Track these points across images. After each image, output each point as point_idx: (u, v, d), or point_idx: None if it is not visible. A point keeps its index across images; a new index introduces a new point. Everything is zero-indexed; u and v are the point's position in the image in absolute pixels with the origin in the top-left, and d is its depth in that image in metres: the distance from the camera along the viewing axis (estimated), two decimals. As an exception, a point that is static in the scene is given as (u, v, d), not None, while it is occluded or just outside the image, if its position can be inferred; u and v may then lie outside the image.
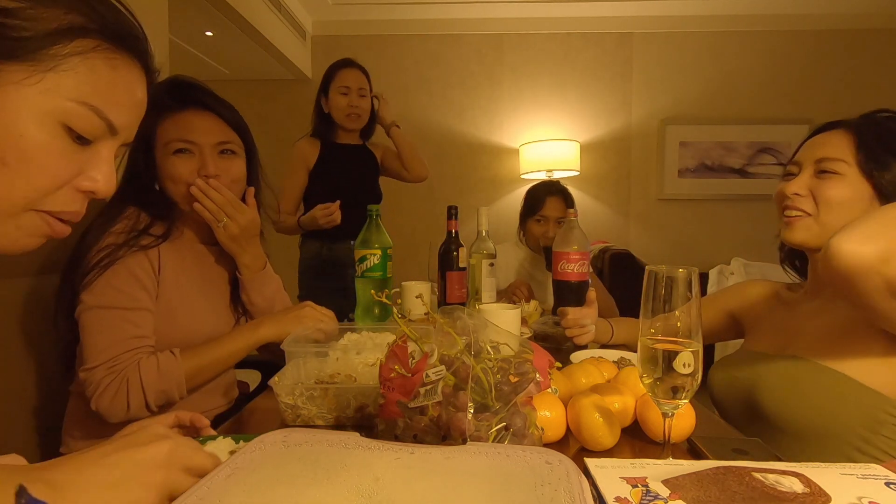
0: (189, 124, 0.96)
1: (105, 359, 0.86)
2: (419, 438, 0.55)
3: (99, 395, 0.85)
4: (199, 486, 0.44)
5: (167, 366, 0.89)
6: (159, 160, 0.97)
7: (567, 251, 1.32)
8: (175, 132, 0.95)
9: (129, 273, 0.90)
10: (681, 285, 0.57)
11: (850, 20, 3.35)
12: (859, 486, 0.48)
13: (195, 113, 0.97)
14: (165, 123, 0.96)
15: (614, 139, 3.49)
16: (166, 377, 0.88)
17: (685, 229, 3.50)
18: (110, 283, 0.88)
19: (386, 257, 1.25)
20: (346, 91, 2.02)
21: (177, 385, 0.89)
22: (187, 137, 0.95)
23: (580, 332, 1.17)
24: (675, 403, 0.58)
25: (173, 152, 0.95)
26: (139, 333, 0.89)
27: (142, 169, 0.96)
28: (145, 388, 0.86)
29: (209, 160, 0.96)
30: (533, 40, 3.47)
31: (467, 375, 0.56)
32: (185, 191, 0.95)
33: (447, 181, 3.51)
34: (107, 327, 0.87)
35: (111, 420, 0.86)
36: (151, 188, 0.98)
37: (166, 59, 2.01)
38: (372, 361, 0.79)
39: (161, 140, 0.96)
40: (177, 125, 0.96)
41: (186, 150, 0.96)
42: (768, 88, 3.37)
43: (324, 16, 3.45)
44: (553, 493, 0.43)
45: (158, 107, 0.95)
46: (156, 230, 0.96)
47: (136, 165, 0.97)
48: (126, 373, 0.85)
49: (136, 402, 0.86)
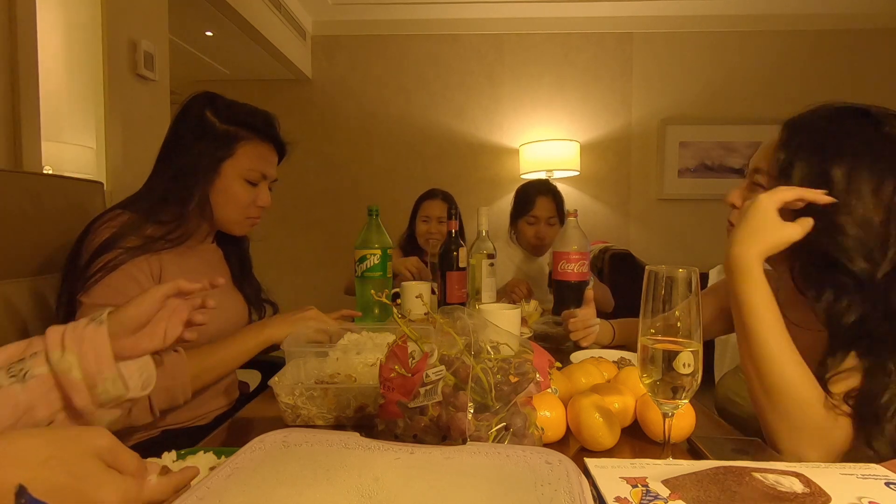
0: (269, 160, 1.06)
1: None
2: (419, 438, 0.55)
3: None
4: (199, 486, 0.44)
5: (172, 363, 0.86)
6: (226, 177, 1.00)
7: (567, 251, 1.32)
8: (258, 163, 1.03)
9: (127, 275, 0.90)
10: (681, 285, 0.57)
11: (851, 20, 3.35)
12: (859, 486, 0.48)
13: (270, 149, 1.07)
14: (248, 147, 1.02)
15: (614, 139, 3.49)
16: (170, 375, 0.85)
17: (685, 229, 3.50)
18: (108, 284, 0.88)
19: (386, 257, 1.25)
20: (427, 219, 2.20)
21: (181, 385, 0.87)
22: (266, 171, 1.05)
23: (585, 333, 1.15)
24: (675, 403, 0.58)
25: (248, 179, 1.03)
26: None
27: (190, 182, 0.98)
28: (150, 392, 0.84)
29: (267, 193, 1.07)
30: (533, 40, 3.47)
31: (467, 375, 0.56)
32: (241, 215, 1.05)
33: (447, 181, 3.51)
34: None
35: (112, 427, 0.84)
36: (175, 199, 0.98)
37: (166, 59, 2.01)
38: (372, 361, 0.80)
39: (240, 163, 1.01)
40: (260, 157, 1.04)
41: (259, 182, 1.05)
42: (768, 88, 3.37)
43: (324, 16, 3.45)
44: (553, 493, 0.43)
45: (250, 127, 1.02)
46: (168, 236, 0.96)
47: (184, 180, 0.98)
48: None
49: (138, 403, 0.82)
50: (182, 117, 1.01)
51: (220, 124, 1.00)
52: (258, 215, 1.09)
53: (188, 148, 0.98)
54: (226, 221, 1.05)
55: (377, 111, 3.54)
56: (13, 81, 1.34)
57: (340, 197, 3.51)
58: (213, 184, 1.00)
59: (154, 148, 1.05)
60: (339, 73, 3.54)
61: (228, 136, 1.00)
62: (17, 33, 1.34)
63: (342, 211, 3.52)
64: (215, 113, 1.00)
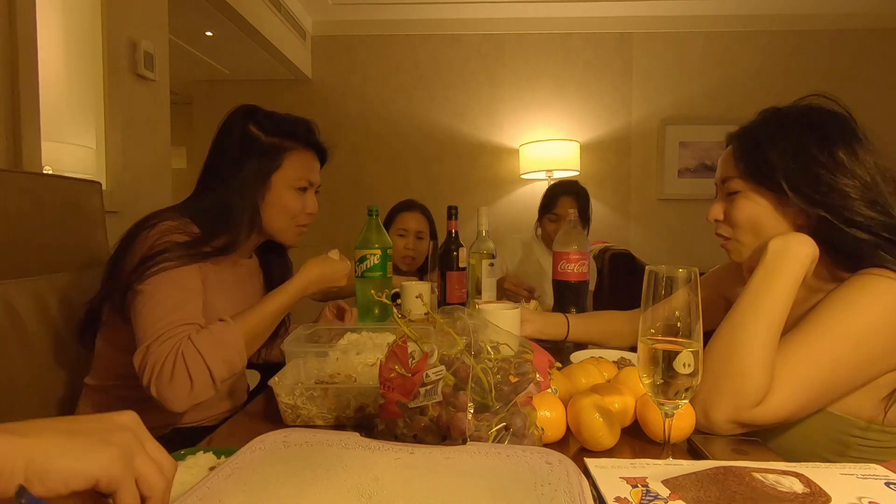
0: (313, 166, 1.08)
1: (154, 336, 0.82)
2: (419, 438, 0.55)
3: (157, 378, 0.79)
4: (200, 486, 0.44)
5: (222, 333, 0.85)
6: (276, 188, 1.02)
7: (567, 251, 1.32)
8: (305, 171, 1.05)
9: (186, 272, 0.90)
10: (681, 285, 0.57)
11: (851, 20, 3.35)
12: (859, 486, 0.48)
13: (313, 156, 1.08)
14: (293, 156, 1.03)
15: (614, 139, 3.49)
16: (225, 344, 0.84)
17: (685, 229, 3.50)
18: (169, 277, 0.87)
19: (386, 257, 1.25)
20: (404, 233, 2.00)
21: (237, 351, 0.86)
22: (311, 178, 1.06)
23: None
24: (675, 403, 0.58)
25: (297, 188, 1.04)
26: (189, 319, 0.86)
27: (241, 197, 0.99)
28: (207, 360, 0.81)
29: (314, 200, 1.09)
30: (533, 40, 3.47)
31: (467, 375, 0.56)
32: (292, 223, 1.06)
33: (447, 181, 3.52)
34: (158, 308, 0.84)
35: (176, 407, 0.80)
36: (228, 213, 0.98)
37: (166, 59, 2.01)
38: (372, 361, 0.79)
39: (287, 173, 1.02)
40: (305, 164, 1.05)
41: (307, 189, 1.06)
42: (768, 88, 3.37)
43: (324, 16, 3.45)
44: (553, 493, 0.43)
45: (293, 137, 1.04)
46: (217, 243, 0.96)
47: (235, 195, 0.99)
48: (179, 346, 0.81)
49: (199, 375, 0.80)
50: (225, 133, 1.02)
51: (264, 137, 1.01)
52: (308, 223, 1.10)
53: (236, 163, 0.99)
54: (277, 231, 1.06)
55: (377, 111, 3.54)
56: (13, 81, 1.34)
57: (340, 197, 3.51)
58: (263, 196, 1.01)
59: (154, 148, 1.05)
60: (339, 73, 3.54)
61: (274, 148, 1.01)
62: (17, 33, 1.34)
63: (342, 211, 3.53)
64: (258, 126, 1.01)
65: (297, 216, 1.06)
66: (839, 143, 0.76)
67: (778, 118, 0.83)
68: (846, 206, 0.74)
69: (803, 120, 0.80)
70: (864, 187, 0.75)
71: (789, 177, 0.77)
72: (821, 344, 0.69)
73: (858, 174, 0.75)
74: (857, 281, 0.72)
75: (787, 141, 0.79)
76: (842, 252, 0.75)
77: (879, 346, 0.69)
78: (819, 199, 0.75)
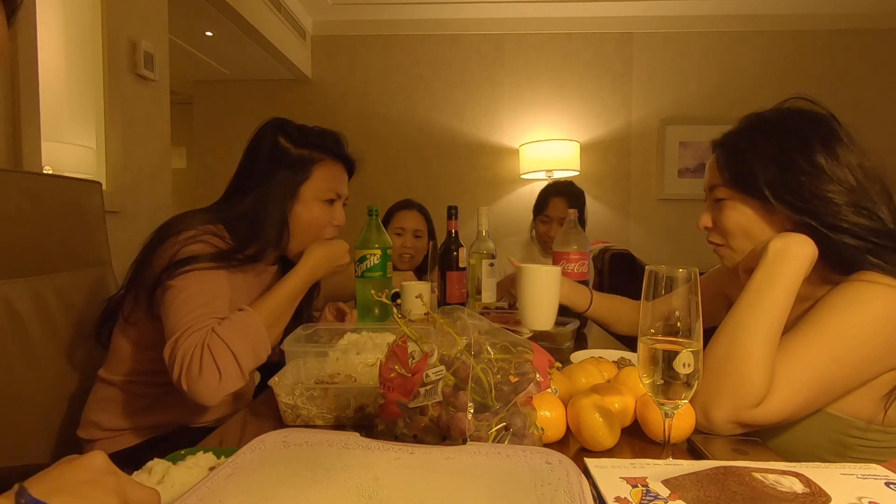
0: (342, 178, 1.10)
1: (183, 328, 0.82)
2: (419, 438, 0.55)
3: (185, 372, 0.79)
4: (200, 486, 0.44)
5: (243, 321, 0.86)
6: (304, 200, 1.03)
7: (567, 251, 1.32)
8: (333, 183, 1.07)
9: (217, 275, 0.91)
10: (681, 285, 0.57)
11: (851, 20, 3.35)
12: (859, 486, 0.48)
13: (341, 168, 1.10)
14: (322, 168, 1.05)
15: (614, 139, 3.49)
16: (248, 332, 0.85)
17: (685, 229, 3.50)
18: (200, 277, 0.88)
19: (386, 257, 1.25)
20: (402, 232, 2.00)
21: (261, 338, 0.87)
22: (339, 190, 1.08)
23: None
24: (675, 403, 0.58)
25: (325, 199, 1.06)
26: (216, 314, 0.86)
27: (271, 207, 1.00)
28: (233, 349, 0.81)
29: (342, 212, 1.10)
30: (533, 40, 3.47)
31: (467, 375, 0.56)
32: (320, 236, 1.07)
33: (447, 181, 3.51)
34: (188, 302, 0.85)
35: (207, 400, 0.80)
36: (258, 223, 1.00)
37: (166, 59, 2.01)
38: (372, 361, 0.80)
39: (316, 185, 1.04)
40: (334, 176, 1.07)
41: (334, 201, 1.08)
42: (768, 88, 3.37)
43: (324, 16, 3.45)
44: (553, 494, 0.43)
45: (322, 149, 1.06)
46: (248, 252, 0.97)
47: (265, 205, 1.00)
48: (205, 339, 0.81)
49: (226, 365, 0.80)
50: (256, 146, 1.05)
51: (294, 149, 1.03)
52: (335, 234, 1.11)
53: (266, 175, 1.01)
54: (305, 242, 1.06)
55: (377, 111, 3.54)
56: (13, 81, 1.34)
57: (340, 197, 3.51)
58: (292, 208, 1.03)
59: (154, 148, 1.05)
60: (339, 73, 3.54)
61: (303, 160, 1.03)
62: (18, 33, 1.34)
63: (342, 211, 3.53)
64: (288, 139, 1.04)
65: (324, 228, 1.07)
66: (818, 147, 0.76)
67: (758, 125, 0.83)
68: (830, 212, 0.74)
69: (783, 125, 0.81)
70: (848, 191, 0.74)
71: (772, 185, 0.77)
72: (819, 345, 0.70)
73: (841, 178, 0.75)
74: (848, 286, 0.72)
75: (767, 148, 0.79)
76: (830, 257, 0.75)
77: (878, 346, 0.69)
78: (803, 207, 0.75)
